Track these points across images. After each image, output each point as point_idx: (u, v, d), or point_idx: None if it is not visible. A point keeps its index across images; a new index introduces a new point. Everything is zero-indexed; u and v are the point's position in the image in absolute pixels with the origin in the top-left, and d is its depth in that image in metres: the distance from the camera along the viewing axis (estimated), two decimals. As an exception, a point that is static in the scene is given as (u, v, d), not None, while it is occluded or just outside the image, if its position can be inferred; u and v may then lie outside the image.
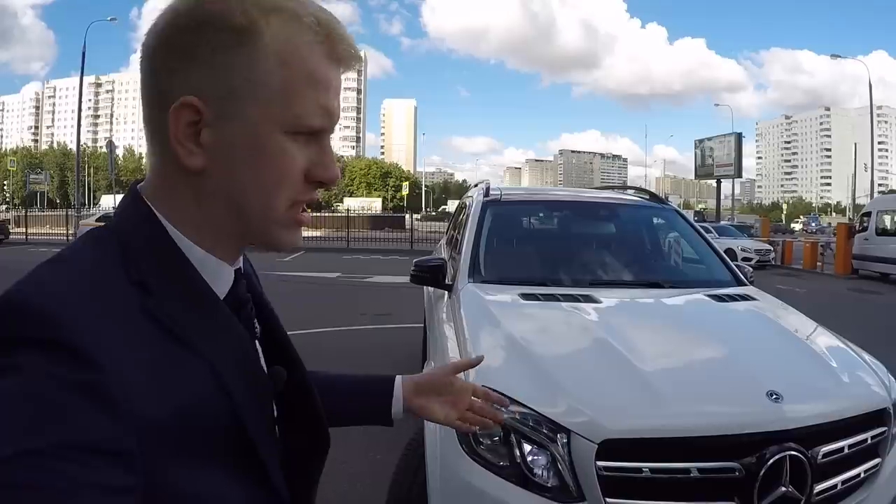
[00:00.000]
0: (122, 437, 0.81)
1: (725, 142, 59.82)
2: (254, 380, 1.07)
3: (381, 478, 4.16)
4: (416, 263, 5.34)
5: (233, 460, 1.00)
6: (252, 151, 1.00)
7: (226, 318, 1.05)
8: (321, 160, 1.06)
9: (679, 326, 4.30)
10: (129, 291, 0.93)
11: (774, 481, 2.85)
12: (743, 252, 30.64)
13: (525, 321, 4.14)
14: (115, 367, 0.83)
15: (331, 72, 1.04)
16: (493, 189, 6.23)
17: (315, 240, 41.69)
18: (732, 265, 5.55)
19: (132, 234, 1.00)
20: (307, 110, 1.02)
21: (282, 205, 1.04)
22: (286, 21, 0.99)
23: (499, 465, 3.00)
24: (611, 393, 3.15)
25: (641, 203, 6.61)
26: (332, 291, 19.55)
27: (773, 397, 3.01)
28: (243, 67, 0.98)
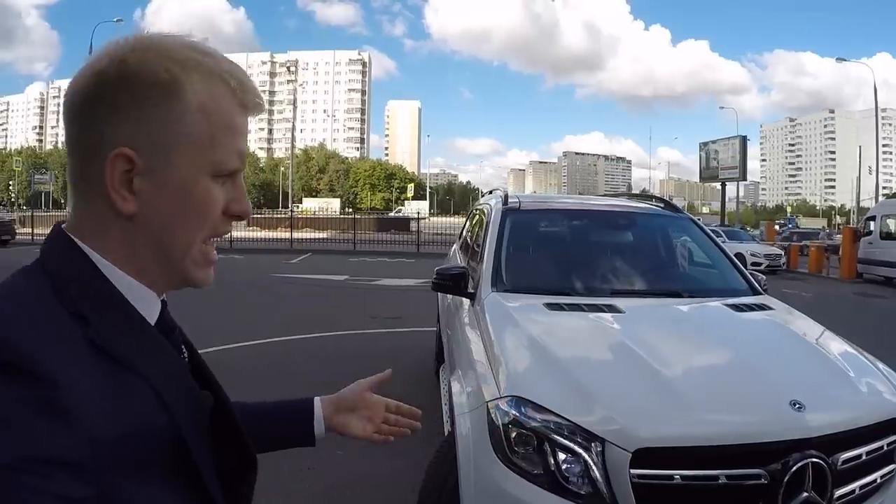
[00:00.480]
0: (78, 450, 0.87)
1: (730, 144, 59.69)
2: (191, 399, 1.12)
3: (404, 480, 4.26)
4: (437, 272, 5.45)
5: (176, 476, 1.05)
6: (181, 196, 1.09)
7: (159, 342, 1.12)
8: (236, 196, 1.16)
9: (702, 336, 4.41)
10: (68, 321, 0.98)
11: (797, 487, 2.97)
12: (752, 257, 30.63)
13: (552, 330, 4.23)
14: (69, 384, 0.88)
15: (242, 119, 1.15)
16: (511, 197, 6.32)
17: (321, 241, 41.77)
18: (748, 274, 5.63)
19: (62, 269, 1.05)
20: (227, 155, 1.12)
21: (199, 240, 1.13)
22: (205, 76, 1.09)
23: (533, 473, 3.10)
24: (642, 402, 3.25)
25: (657, 212, 6.69)
26: (340, 294, 19.48)
27: (796, 406, 3.12)
28: (170, 120, 1.06)
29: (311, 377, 8.99)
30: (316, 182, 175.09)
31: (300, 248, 37.97)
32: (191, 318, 9.16)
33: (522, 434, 3.17)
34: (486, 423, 3.31)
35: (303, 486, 5.58)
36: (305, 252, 35.86)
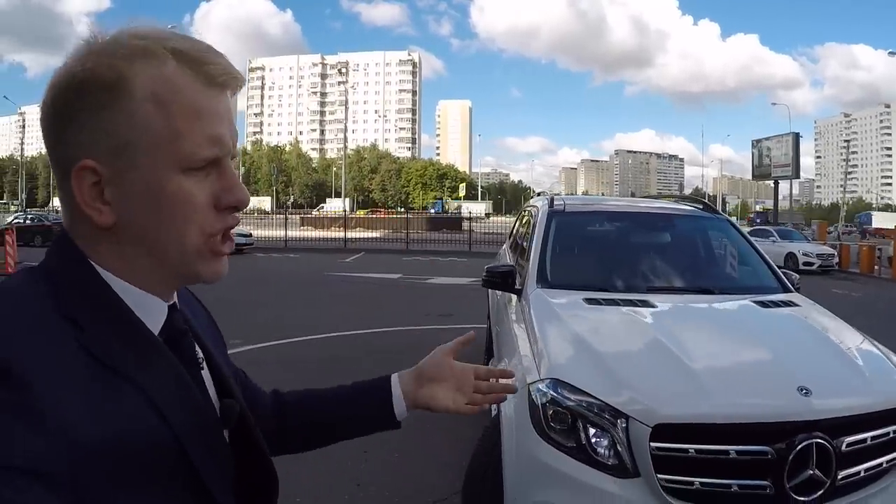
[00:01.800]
0: (51, 458, 0.82)
1: (783, 141, 58.90)
2: (194, 408, 1.08)
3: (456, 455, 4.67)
4: (487, 269, 5.94)
5: (177, 486, 1.01)
6: (153, 198, 1.02)
7: (158, 349, 1.07)
8: (224, 186, 1.07)
9: (725, 329, 4.79)
10: (61, 325, 0.95)
11: (802, 465, 3.30)
12: (804, 257, 30.19)
13: (589, 322, 4.61)
14: (45, 388, 0.85)
15: (211, 98, 1.05)
16: (556, 200, 6.78)
17: (374, 241, 42.24)
18: (780, 273, 5.94)
19: (62, 273, 1.03)
20: (195, 144, 1.02)
21: (194, 240, 1.06)
22: (150, 62, 1.01)
23: (567, 446, 3.54)
24: (663, 385, 3.65)
25: (695, 213, 7.02)
26: (394, 292, 19.97)
27: (803, 391, 3.46)
28: (124, 120, 0.99)
29: (373, 369, 9.23)
30: (368, 182, 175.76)
31: (353, 247, 38.56)
32: (251, 313, 9.89)
33: (558, 412, 3.60)
34: (528, 403, 3.73)
35: (363, 458, 6.13)
36: (359, 251, 36.41)
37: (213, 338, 1.34)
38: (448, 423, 6.45)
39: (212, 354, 1.26)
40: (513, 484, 3.73)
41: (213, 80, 1.05)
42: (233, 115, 1.11)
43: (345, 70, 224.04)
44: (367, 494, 5.63)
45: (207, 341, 1.28)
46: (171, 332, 1.11)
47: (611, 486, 3.40)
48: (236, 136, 1.11)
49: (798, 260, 29.62)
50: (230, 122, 1.08)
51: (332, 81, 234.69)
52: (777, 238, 32.24)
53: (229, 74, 1.07)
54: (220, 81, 1.06)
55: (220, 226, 1.08)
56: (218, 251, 1.10)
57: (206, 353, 1.24)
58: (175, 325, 1.13)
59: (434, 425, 6.83)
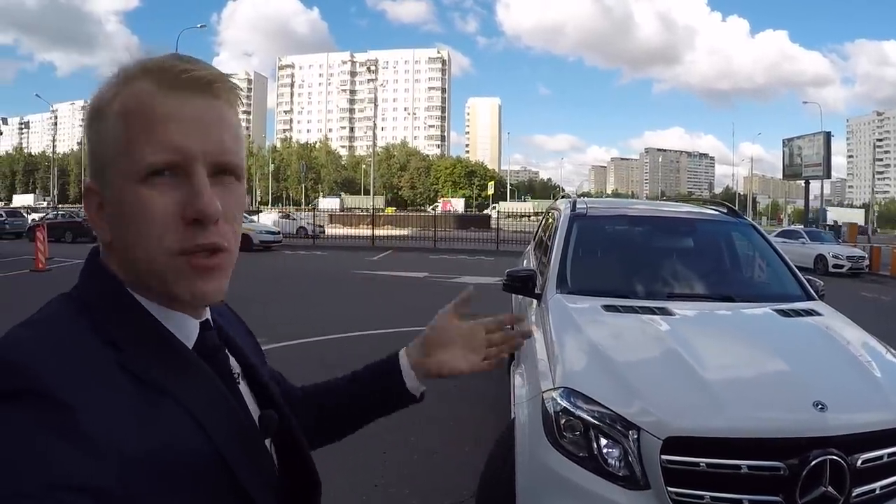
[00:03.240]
0: (101, 475, 0.84)
1: (814, 140, 58.19)
2: (233, 419, 1.09)
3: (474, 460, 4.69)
4: (507, 274, 5.91)
5: (221, 499, 1.03)
6: (118, 210, 1.03)
7: (195, 364, 1.08)
8: (188, 196, 1.02)
9: (742, 339, 4.73)
10: (99, 347, 0.97)
11: (816, 482, 3.26)
12: (834, 259, 29.66)
13: (606, 330, 4.62)
14: (87, 409, 0.86)
15: (174, 104, 1.02)
16: (579, 204, 6.78)
17: (402, 239, 42.39)
18: (803, 280, 5.87)
19: (93, 297, 1.05)
20: (145, 151, 1.00)
21: (160, 254, 1.02)
22: (129, 82, 1.03)
23: (579, 456, 3.53)
24: (676, 397, 3.63)
25: (718, 217, 6.95)
26: (420, 291, 19.97)
27: (819, 407, 3.41)
28: (100, 140, 1.04)
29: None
30: (397, 179, 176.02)
31: (381, 245, 38.61)
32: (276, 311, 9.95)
33: (571, 421, 3.60)
34: (541, 411, 3.74)
35: (382, 459, 6.17)
36: (386, 249, 36.49)
37: (250, 347, 1.34)
38: (469, 425, 6.47)
39: (251, 366, 1.27)
40: (524, 491, 3.74)
41: (175, 84, 1.02)
42: (219, 123, 1.06)
43: (374, 68, 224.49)
44: (385, 495, 5.66)
45: (246, 352, 1.29)
46: (203, 349, 1.12)
47: (621, 497, 3.39)
48: (224, 145, 1.06)
49: (828, 262, 29.23)
50: (206, 128, 1.04)
51: (362, 79, 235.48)
52: (806, 240, 31.83)
53: (186, 75, 1.03)
54: (178, 82, 1.02)
55: (193, 242, 1.02)
56: (198, 265, 1.04)
57: (244, 365, 1.25)
58: (207, 342, 1.14)
59: (454, 427, 6.85)
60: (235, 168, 1.08)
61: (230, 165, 1.07)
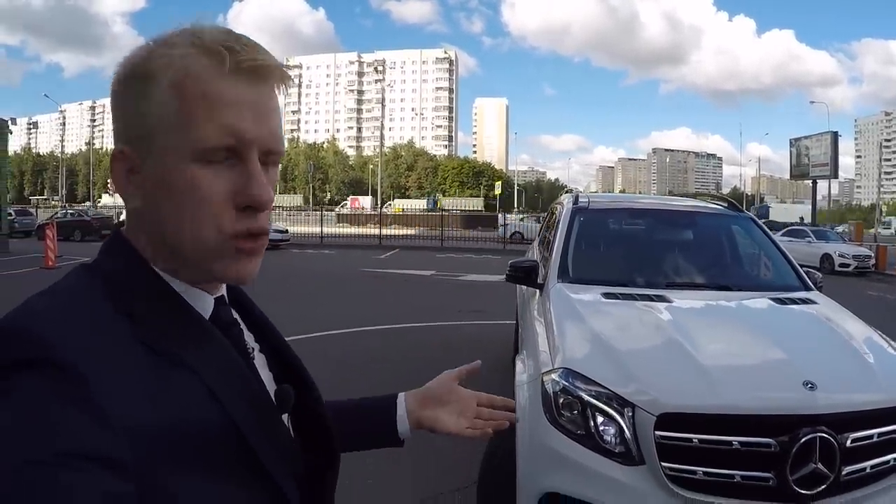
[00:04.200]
0: (114, 446, 0.84)
1: (821, 140, 57.79)
2: (248, 392, 1.08)
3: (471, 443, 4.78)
4: (511, 265, 6.08)
5: (237, 470, 1.02)
6: (165, 185, 1.02)
7: (211, 335, 1.08)
8: (244, 183, 1.03)
9: (738, 325, 4.84)
10: (115, 318, 0.97)
11: (806, 459, 3.36)
12: (840, 258, 29.67)
13: (605, 317, 4.75)
14: (103, 380, 0.87)
15: (234, 88, 1.02)
16: (581, 197, 6.92)
17: (408, 238, 42.43)
18: (801, 271, 5.97)
19: (113, 268, 1.05)
20: (206, 133, 1.00)
21: (209, 236, 1.03)
22: (183, 52, 1.01)
23: (577, 434, 3.66)
24: (670, 377, 3.75)
25: (719, 211, 7.09)
26: (427, 289, 20.14)
27: (809, 386, 3.51)
28: (147, 107, 1.01)
29: (404, 363, 9.58)
30: (405, 179, 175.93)
31: (388, 244, 38.72)
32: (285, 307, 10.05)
33: (569, 400, 3.72)
34: (541, 392, 3.86)
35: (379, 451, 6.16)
36: (393, 248, 36.65)
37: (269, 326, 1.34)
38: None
39: (276, 342, 1.29)
40: (524, 470, 3.85)
41: (237, 69, 1.01)
42: (272, 110, 1.07)
43: (382, 68, 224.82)
44: (388, 481, 5.77)
45: (269, 329, 1.30)
46: (218, 323, 1.12)
47: (616, 472, 3.50)
48: (274, 131, 1.07)
49: (834, 261, 29.22)
50: (261, 114, 1.04)
51: (369, 79, 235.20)
52: (813, 238, 31.83)
53: (255, 62, 1.02)
54: (245, 69, 1.02)
55: (240, 226, 1.03)
56: (244, 248, 1.05)
57: (265, 338, 1.27)
58: (222, 317, 1.14)
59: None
60: (280, 154, 1.10)
61: (277, 152, 1.09)
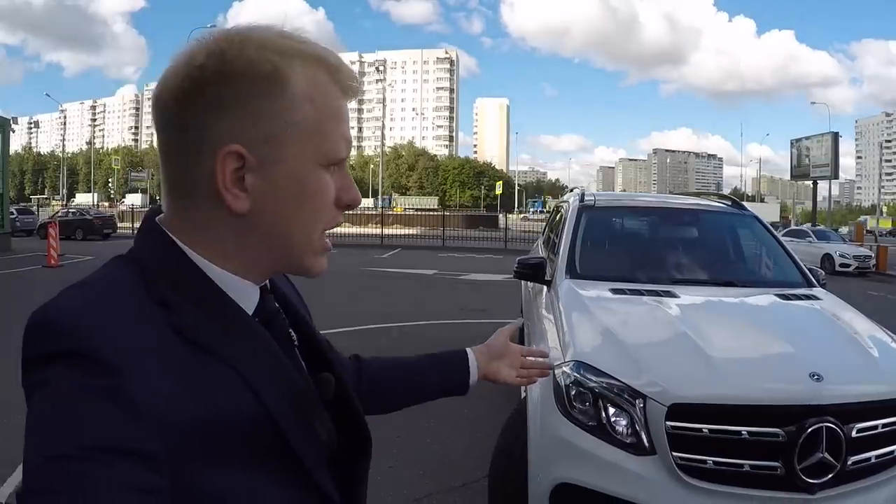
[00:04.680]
0: (144, 439, 0.85)
1: (822, 141, 57.67)
2: (288, 384, 1.09)
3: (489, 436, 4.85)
4: (518, 261, 6.11)
5: (273, 463, 1.04)
6: (296, 189, 1.06)
7: (251, 328, 1.09)
8: (344, 185, 1.12)
9: (744, 319, 4.95)
10: (151, 309, 0.97)
11: (813, 449, 3.44)
12: (841, 258, 29.69)
13: (614, 312, 4.80)
14: (135, 371, 0.88)
15: (343, 104, 1.11)
16: (587, 195, 6.97)
17: (410, 237, 42.41)
18: (804, 268, 6.04)
19: (151, 259, 1.05)
20: (336, 143, 1.08)
21: (317, 233, 1.11)
22: (306, 64, 1.06)
23: (588, 425, 3.74)
24: (681, 369, 3.82)
25: (723, 209, 7.16)
26: (430, 287, 20.17)
27: (815, 377, 3.58)
28: (278, 111, 1.03)
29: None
30: (405, 179, 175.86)
31: (390, 243, 38.74)
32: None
33: (581, 392, 3.80)
34: (553, 385, 3.92)
35: (397, 442, 6.35)
36: (395, 247, 36.63)
37: (305, 312, 1.37)
38: (482, 412, 6.63)
39: (308, 330, 1.31)
40: (537, 461, 3.92)
41: (344, 88, 1.10)
42: None
43: (382, 68, 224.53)
44: (399, 476, 5.80)
45: (302, 316, 1.32)
46: (263, 314, 1.14)
47: (628, 462, 3.58)
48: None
49: (834, 261, 29.21)
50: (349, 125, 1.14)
51: (370, 79, 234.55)
52: (814, 239, 31.88)
53: (355, 84, 1.13)
54: (350, 89, 1.12)
55: (334, 223, 1.13)
56: (327, 247, 1.14)
57: (303, 329, 1.29)
58: (267, 307, 1.16)
59: (467, 414, 7.00)
60: None
61: None
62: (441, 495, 5.58)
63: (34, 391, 0.88)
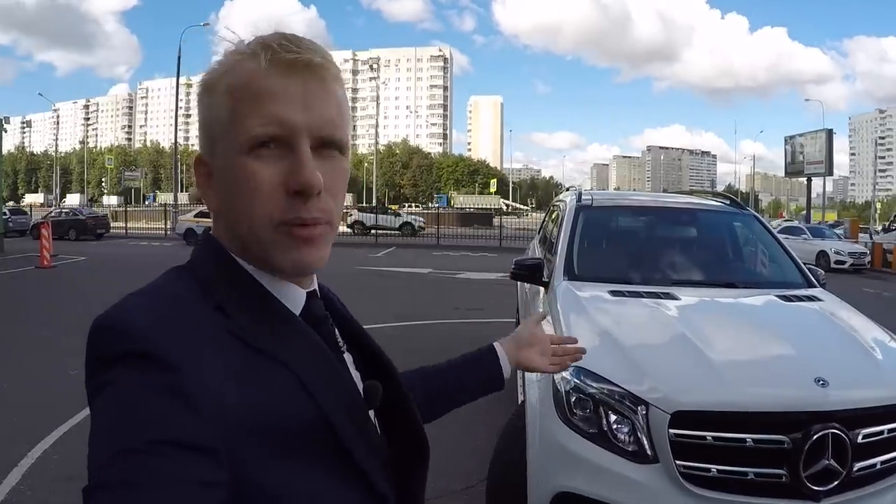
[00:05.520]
0: (204, 434, 0.88)
1: (816, 138, 57.86)
2: (339, 387, 1.11)
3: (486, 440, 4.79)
4: (515, 262, 6.01)
5: (329, 463, 1.06)
6: (228, 181, 1.08)
7: (301, 330, 1.12)
8: (292, 169, 1.05)
9: (746, 322, 4.82)
10: (208, 313, 1.02)
11: (818, 455, 3.37)
12: (836, 255, 29.69)
13: (613, 315, 4.70)
14: (194, 370, 0.91)
15: (275, 80, 1.05)
16: (584, 195, 6.88)
17: (405, 236, 42.39)
18: (804, 268, 5.97)
19: (204, 266, 1.11)
20: (251, 123, 1.04)
21: (264, 224, 1.06)
22: (234, 59, 1.08)
23: (589, 432, 3.66)
24: (683, 374, 3.74)
25: (722, 208, 7.04)
26: (424, 286, 20.12)
27: (820, 383, 3.52)
28: (208, 111, 1.11)
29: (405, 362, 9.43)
30: (399, 178, 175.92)
31: (384, 242, 38.79)
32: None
33: (581, 399, 3.72)
34: (552, 390, 3.85)
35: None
36: (390, 246, 36.65)
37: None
38: (481, 416, 6.57)
39: (362, 336, 1.34)
40: (536, 469, 3.85)
41: (279, 64, 1.05)
42: (321, 99, 1.09)
43: (376, 66, 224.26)
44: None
45: (354, 322, 1.35)
46: (310, 318, 1.15)
47: (630, 471, 3.50)
48: (327, 118, 1.09)
49: (830, 258, 29.20)
50: (308, 103, 1.07)
51: (364, 77, 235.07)
52: (809, 236, 31.92)
53: (291, 55, 1.05)
54: (281, 61, 1.05)
55: (293, 213, 1.06)
56: (299, 236, 1.07)
57: (353, 335, 1.31)
58: (314, 311, 1.17)
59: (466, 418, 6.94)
60: (339, 142, 1.11)
61: (333, 139, 1.10)
62: (442, 500, 5.51)
63: (99, 391, 0.91)
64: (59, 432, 6.91)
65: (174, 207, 47.05)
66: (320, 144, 1.09)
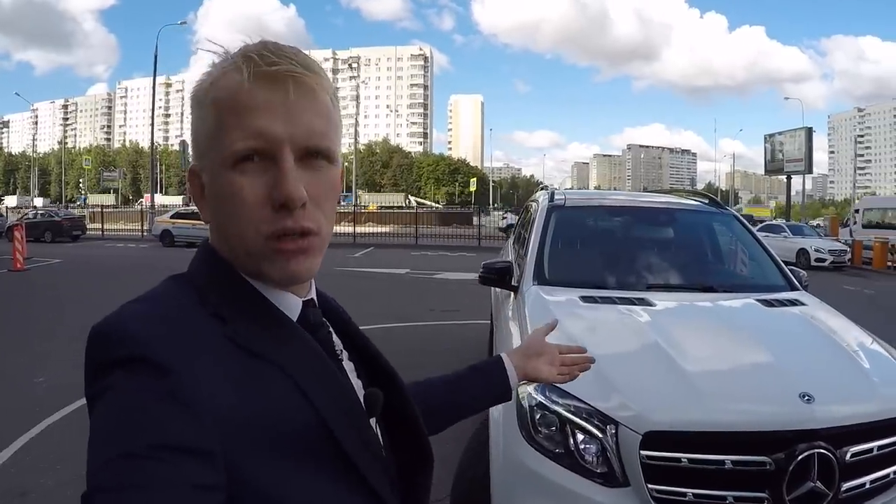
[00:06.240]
0: (202, 437, 0.89)
1: (795, 136, 58.53)
2: (336, 391, 1.11)
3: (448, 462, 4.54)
4: (483, 266, 5.76)
5: (329, 467, 1.06)
6: (215, 195, 1.09)
7: (298, 334, 1.12)
8: (276, 182, 1.05)
9: (725, 330, 4.51)
10: (205, 319, 1.03)
11: (803, 477, 3.10)
12: (816, 253, 29.90)
13: (583, 322, 4.44)
14: (192, 375, 0.92)
15: (257, 93, 1.05)
16: (557, 194, 6.63)
17: (383, 236, 42.36)
18: (787, 270, 5.73)
19: (201, 274, 1.12)
20: (233, 138, 1.04)
21: (253, 237, 1.07)
22: (222, 71, 1.08)
23: (554, 452, 3.37)
24: (656, 390, 3.47)
25: (700, 208, 6.77)
26: (401, 287, 19.97)
27: (805, 398, 3.25)
28: (200, 127, 1.11)
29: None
30: (380, 177, 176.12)
31: (363, 242, 38.64)
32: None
33: (546, 416, 3.43)
34: (516, 406, 3.56)
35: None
36: (368, 246, 36.55)
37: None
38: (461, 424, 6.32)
39: (369, 346, 1.36)
40: (499, 489, 3.58)
41: (256, 74, 1.05)
42: (305, 110, 1.08)
43: (356, 65, 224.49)
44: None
45: (355, 329, 1.36)
46: (305, 325, 1.16)
47: (598, 494, 3.23)
48: (312, 129, 1.08)
49: (810, 256, 29.44)
50: (291, 114, 1.06)
51: (344, 76, 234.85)
52: (789, 234, 32.15)
53: (269, 68, 1.05)
54: (261, 74, 1.05)
55: (278, 226, 1.06)
56: (284, 249, 1.08)
57: (356, 344, 1.34)
58: (309, 319, 1.18)
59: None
60: (326, 151, 1.11)
61: (319, 148, 1.10)
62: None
63: (99, 396, 0.91)
64: (19, 443, 6.62)
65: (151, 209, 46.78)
66: (305, 155, 1.09)
